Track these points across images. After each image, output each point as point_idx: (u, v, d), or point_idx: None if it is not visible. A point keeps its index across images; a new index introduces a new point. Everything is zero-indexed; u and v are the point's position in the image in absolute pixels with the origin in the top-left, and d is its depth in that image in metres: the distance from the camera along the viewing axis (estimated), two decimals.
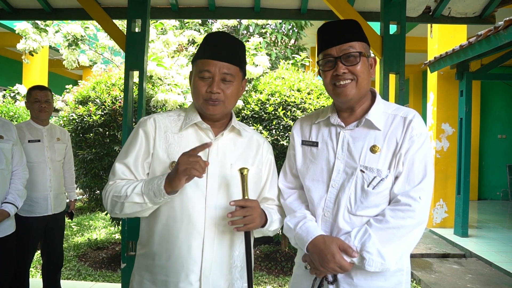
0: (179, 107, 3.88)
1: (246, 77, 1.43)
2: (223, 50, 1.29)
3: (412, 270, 4.16)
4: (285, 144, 3.72)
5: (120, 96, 3.97)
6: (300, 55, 4.93)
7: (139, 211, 1.24)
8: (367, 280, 1.24)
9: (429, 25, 6.32)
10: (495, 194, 8.86)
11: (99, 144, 3.91)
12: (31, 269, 3.80)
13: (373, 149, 1.26)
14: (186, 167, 1.12)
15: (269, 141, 3.67)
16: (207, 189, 1.27)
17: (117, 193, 1.23)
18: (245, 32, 7.09)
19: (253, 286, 1.26)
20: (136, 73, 2.60)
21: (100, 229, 5.97)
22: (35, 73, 8.60)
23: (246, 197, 1.23)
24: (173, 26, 5.04)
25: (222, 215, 1.27)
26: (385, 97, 2.42)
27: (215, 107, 1.29)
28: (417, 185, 1.20)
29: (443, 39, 6.16)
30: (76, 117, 3.95)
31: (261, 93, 4.04)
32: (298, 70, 4.67)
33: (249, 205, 1.20)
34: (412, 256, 4.62)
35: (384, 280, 1.25)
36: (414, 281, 4.03)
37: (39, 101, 2.95)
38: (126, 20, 2.61)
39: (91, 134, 3.88)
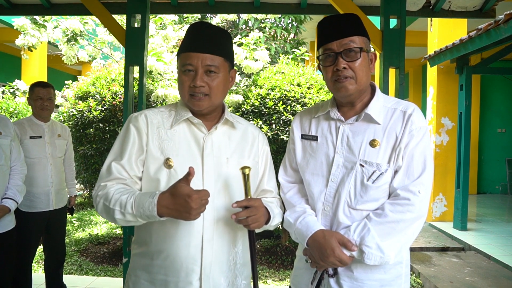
0: None
1: (234, 68, 1.34)
2: (205, 41, 1.21)
3: (411, 263, 4.19)
4: (285, 138, 3.72)
5: (120, 91, 3.98)
6: (300, 50, 4.92)
7: (134, 224, 1.20)
8: (367, 273, 1.26)
9: (429, 19, 6.29)
10: (494, 188, 8.88)
11: (99, 139, 3.92)
12: (33, 264, 3.82)
13: (372, 143, 1.25)
14: (200, 209, 1.07)
15: (269, 136, 3.71)
16: (203, 186, 1.23)
17: (107, 202, 1.16)
18: (244, 26, 7.06)
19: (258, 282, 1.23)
20: (136, 68, 2.60)
21: (101, 224, 5.99)
22: (34, 68, 8.59)
23: (249, 197, 1.19)
24: (173, 21, 5.02)
25: (220, 212, 1.24)
26: (385, 91, 2.42)
27: (200, 103, 1.23)
28: (416, 179, 1.21)
29: (443, 33, 6.14)
30: (76, 113, 3.95)
31: (261, 87, 4.04)
32: (298, 64, 4.66)
33: (253, 205, 1.16)
34: (412, 249, 4.64)
35: (384, 273, 1.26)
36: (414, 274, 4.06)
37: (42, 98, 2.93)
38: (125, 15, 2.61)
39: (91, 130, 3.89)
